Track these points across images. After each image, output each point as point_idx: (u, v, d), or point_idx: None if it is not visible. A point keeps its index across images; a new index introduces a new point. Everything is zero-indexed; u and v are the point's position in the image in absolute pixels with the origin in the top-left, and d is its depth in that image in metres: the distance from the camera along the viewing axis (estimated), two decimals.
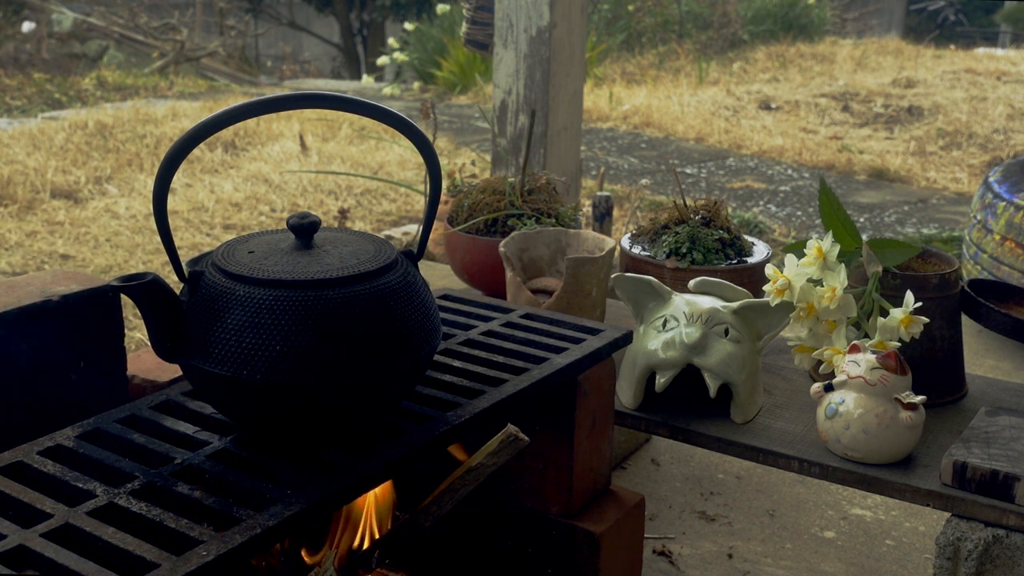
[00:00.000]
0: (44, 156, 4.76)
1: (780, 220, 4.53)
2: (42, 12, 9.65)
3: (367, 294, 1.03)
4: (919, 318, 1.43)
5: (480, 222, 1.98)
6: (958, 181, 5.28)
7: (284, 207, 4.23)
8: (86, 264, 3.50)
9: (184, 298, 1.05)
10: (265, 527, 0.93)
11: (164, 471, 1.02)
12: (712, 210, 1.85)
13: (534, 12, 2.82)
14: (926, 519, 1.99)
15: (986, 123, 6.33)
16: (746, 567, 1.83)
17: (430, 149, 1.12)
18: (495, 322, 1.44)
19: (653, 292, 1.52)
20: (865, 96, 7.16)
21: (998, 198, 2.94)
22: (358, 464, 1.04)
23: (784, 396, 1.60)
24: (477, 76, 7.71)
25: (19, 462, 1.03)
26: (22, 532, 0.91)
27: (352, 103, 1.05)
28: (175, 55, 9.60)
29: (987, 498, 1.29)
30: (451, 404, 1.18)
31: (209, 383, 1.02)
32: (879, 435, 1.35)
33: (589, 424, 1.39)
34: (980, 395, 1.62)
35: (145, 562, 0.88)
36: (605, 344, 1.37)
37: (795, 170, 5.50)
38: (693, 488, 2.10)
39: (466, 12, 3.22)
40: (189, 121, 5.65)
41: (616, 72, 8.46)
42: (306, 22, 12.87)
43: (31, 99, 6.91)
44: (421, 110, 2.72)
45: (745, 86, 7.66)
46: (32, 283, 1.29)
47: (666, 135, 6.33)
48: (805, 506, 2.04)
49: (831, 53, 9.10)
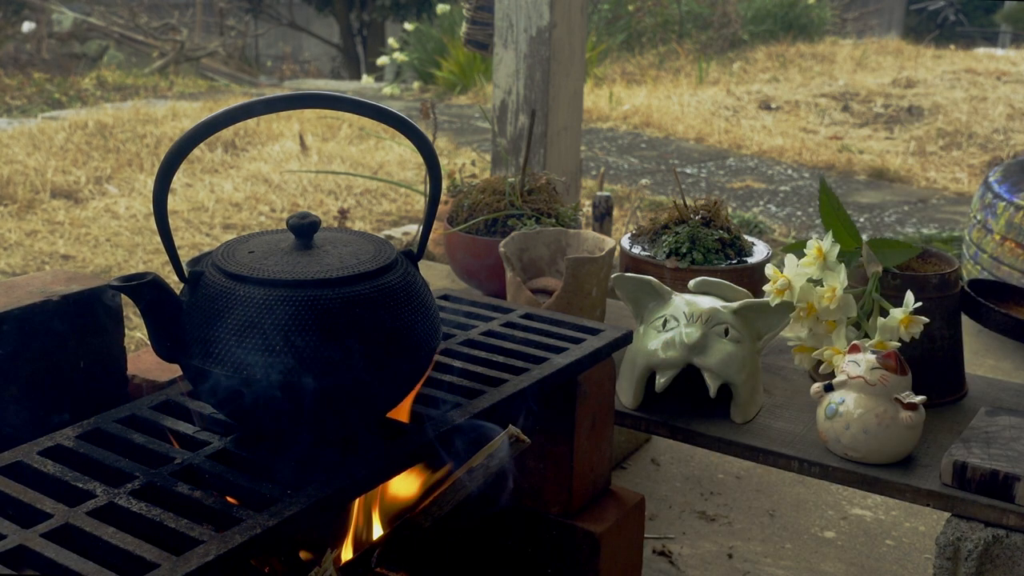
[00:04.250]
0: (44, 156, 4.76)
1: (780, 220, 4.53)
2: (42, 12, 9.65)
3: (367, 294, 1.03)
4: (919, 318, 1.43)
5: (480, 222, 1.97)
6: (958, 181, 5.28)
7: (284, 207, 4.23)
8: (86, 264, 3.49)
9: (184, 298, 1.05)
10: (265, 527, 0.93)
11: (164, 471, 1.02)
12: (712, 210, 1.85)
13: (534, 12, 2.82)
14: (926, 519, 1.99)
15: (986, 123, 6.33)
16: (746, 567, 1.83)
17: (430, 149, 1.12)
18: (495, 322, 1.44)
19: (653, 292, 1.52)
20: (865, 96, 7.15)
21: (998, 198, 2.94)
22: (358, 464, 1.04)
23: (784, 396, 1.60)
24: (477, 76, 7.70)
25: (19, 462, 1.03)
26: (22, 532, 0.91)
27: (352, 103, 1.05)
28: (175, 55, 9.60)
29: (987, 498, 1.29)
30: (451, 404, 1.18)
31: (209, 383, 1.02)
32: (879, 435, 1.35)
33: (589, 424, 1.39)
34: (980, 395, 1.62)
35: (145, 562, 0.88)
36: (605, 344, 1.37)
37: (795, 170, 5.50)
38: (693, 488, 2.09)
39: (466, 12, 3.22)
40: (189, 121, 5.65)
41: (616, 72, 8.46)
42: (306, 22, 12.87)
43: (31, 99, 6.91)
44: (421, 110, 2.72)
45: (745, 86, 7.66)
46: (32, 283, 1.29)
47: (666, 135, 6.33)
48: (805, 506, 2.04)
49: (831, 53, 9.10)
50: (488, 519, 1.44)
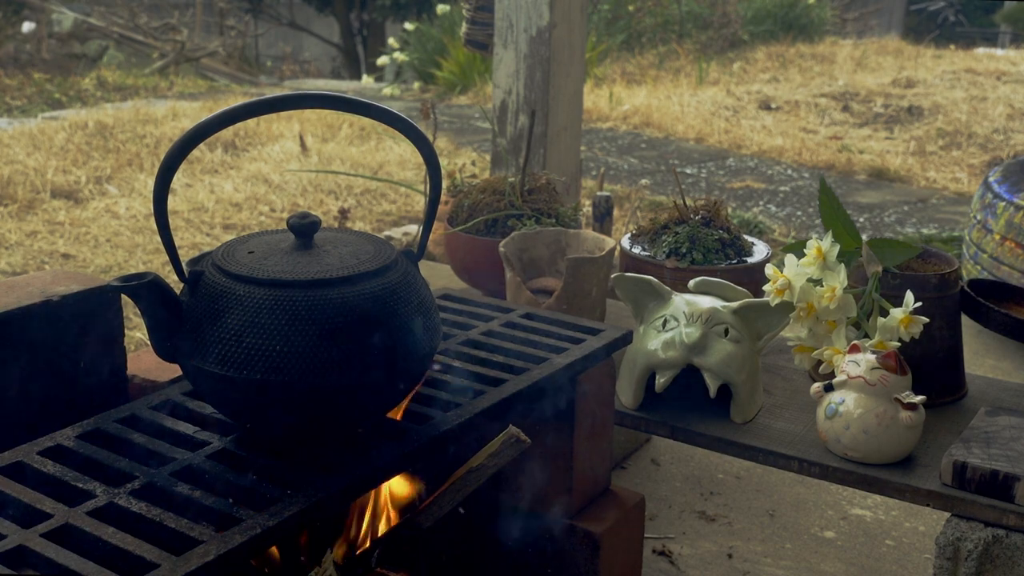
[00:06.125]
0: (44, 156, 4.76)
1: (780, 220, 4.53)
2: (42, 12, 9.65)
3: (367, 294, 1.03)
4: (919, 318, 1.43)
5: (480, 222, 1.97)
6: (958, 181, 5.27)
7: (284, 207, 4.23)
8: (86, 264, 3.49)
9: (184, 298, 1.05)
10: (265, 527, 0.93)
11: (164, 471, 1.02)
12: (712, 210, 1.85)
13: (534, 12, 2.82)
14: (926, 519, 1.99)
15: (986, 123, 6.33)
16: (746, 567, 1.83)
17: (430, 149, 1.12)
18: (495, 322, 1.44)
19: (653, 292, 1.52)
20: (865, 96, 7.15)
21: (998, 198, 2.94)
22: (358, 464, 1.04)
23: (784, 396, 1.60)
24: (477, 76, 7.70)
25: (19, 462, 1.03)
26: (22, 532, 0.91)
27: (352, 103, 1.05)
28: (175, 55, 9.60)
29: (987, 498, 1.29)
30: (451, 404, 1.18)
31: (209, 383, 1.02)
32: (879, 435, 1.35)
33: (589, 424, 1.39)
34: (980, 395, 1.62)
35: (145, 562, 0.88)
36: (605, 344, 1.37)
37: (795, 170, 5.49)
38: (693, 488, 2.09)
39: (466, 12, 3.22)
40: (189, 121, 5.65)
41: (616, 72, 8.46)
42: (306, 22, 12.87)
43: (31, 99, 6.91)
44: (421, 110, 2.72)
45: (745, 86, 7.65)
46: (32, 283, 1.29)
47: (666, 135, 6.33)
48: (805, 506, 2.04)
49: (831, 53, 9.10)
50: (488, 519, 1.44)
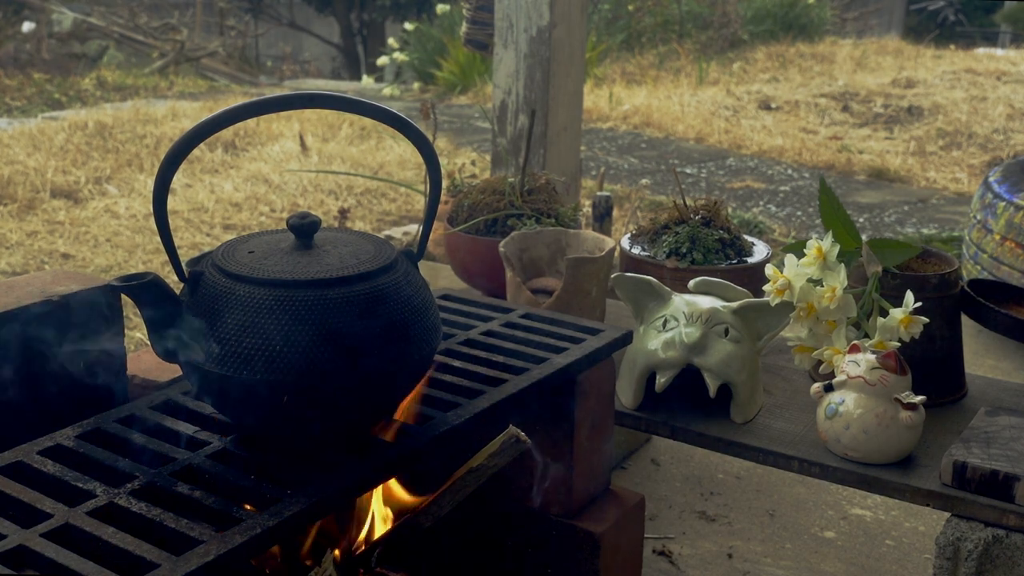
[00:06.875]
0: (44, 156, 4.76)
1: (780, 220, 4.53)
2: (42, 12, 9.65)
3: (367, 294, 1.03)
4: (919, 318, 1.43)
5: (480, 222, 1.97)
6: (958, 181, 5.27)
7: (284, 207, 4.23)
8: (86, 264, 3.49)
9: (184, 298, 1.05)
10: (265, 527, 0.93)
11: (164, 471, 1.02)
12: (712, 210, 1.85)
13: (534, 12, 2.82)
14: (926, 519, 1.99)
15: (986, 123, 6.33)
16: (746, 567, 1.83)
17: (430, 149, 1.12)
18: (495, 322, 1.43)
19: (653, 292, 1.52)
20: (865, 96, 7.15)
21: (998, 198, 2.94)
22: (358, 464, 1.04)
23: (784, 396, 1.60)
24: (477, 76, 7.70)
25: (19, 462, 1.03)
26: (22, 532, 0.91)
27: (352, 103, 1.05)
28: (175, 55, 9.60)
29: (987, 498, 1.29)
30: (451, 404, 1.18)
31: (209, 383, 1.02)
32: (879, 435, 1.35)
33: (589, 424, 1.39)
34: (980, 395, 1.62)
35: (145, 562, 0.88)
36: (605, 344, 1.37)
37: (795, 170, 5.49)
38: (693, 488, 2.09)
39: (466, 12, 3.22)
40: (189, 121, 5.65)
41: (616, 72, 8.46)
42: (306, 22, 12.87)
43: (31, 99, 6.91)
44: (421, 110, 2.72)
45: (745, 86, 7.66)
46: (32, 283, 1.29)
47: (666, 135, 6.33)
48: (805, 506, 2.04)
49: (831, 53, 9.10)
50: (488, 519, 1.44)
